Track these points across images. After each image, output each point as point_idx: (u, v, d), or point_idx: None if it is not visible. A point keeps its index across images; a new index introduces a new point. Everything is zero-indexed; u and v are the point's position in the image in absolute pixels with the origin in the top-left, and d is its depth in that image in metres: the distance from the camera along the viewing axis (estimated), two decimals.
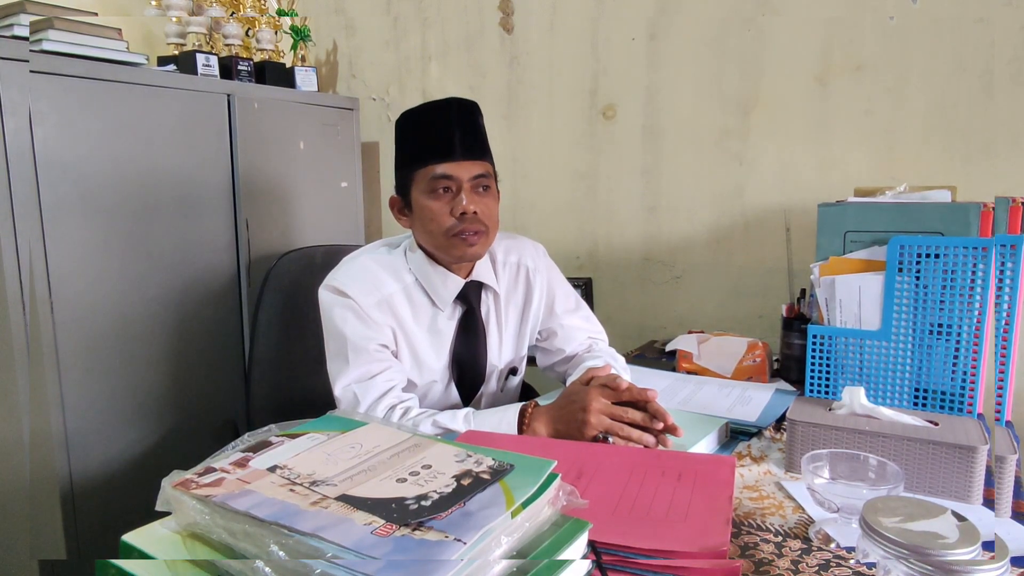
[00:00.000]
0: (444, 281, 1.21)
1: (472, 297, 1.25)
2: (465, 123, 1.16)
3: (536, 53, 2.05)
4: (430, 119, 1.16)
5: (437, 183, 1.14)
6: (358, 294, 1.15)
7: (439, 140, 1.14)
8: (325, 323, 1.18)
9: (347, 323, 1.14)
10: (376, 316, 1.16)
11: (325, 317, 1.18)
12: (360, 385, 1.13)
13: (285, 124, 2.02)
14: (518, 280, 1.32)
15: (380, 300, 1.17)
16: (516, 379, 1.37)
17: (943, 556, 0.56)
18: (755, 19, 1.71)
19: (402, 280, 1.21)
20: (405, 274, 1.21)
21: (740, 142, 1.77)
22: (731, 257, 1.83)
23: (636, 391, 1.04)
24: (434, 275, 1.21)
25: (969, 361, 1.04)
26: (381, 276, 1.19)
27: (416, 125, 1.17)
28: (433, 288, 1.21)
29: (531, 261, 1.33)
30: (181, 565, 0.54)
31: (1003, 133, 1.47)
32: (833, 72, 1.63)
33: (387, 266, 1.21)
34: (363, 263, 1.21)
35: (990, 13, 1.45)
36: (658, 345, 1.78)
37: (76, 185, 1.53)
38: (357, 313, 1.15)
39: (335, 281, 1.17)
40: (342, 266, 1.21)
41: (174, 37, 1.95)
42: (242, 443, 0.68)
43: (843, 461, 0.83)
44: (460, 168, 1.14)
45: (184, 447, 1.78)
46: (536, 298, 1.33)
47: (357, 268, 1.20)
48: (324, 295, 1.18)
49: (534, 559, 0.55)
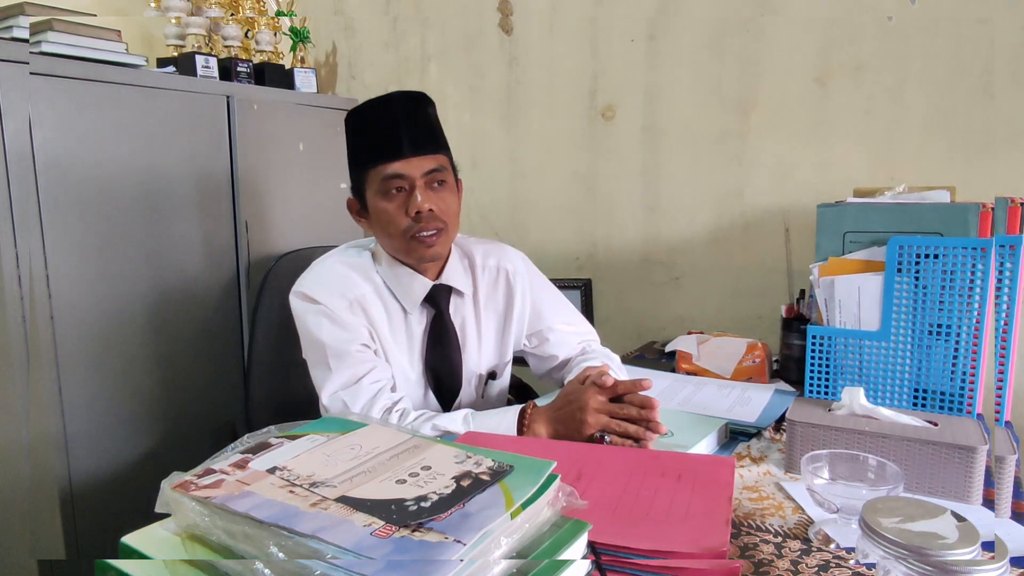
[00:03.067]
0: (411, 283, 1.18)
1: (441, 300, 1.21)
2: (412, 117, 1.12)
3: (535, 54, 2.05)
4: (375, 116, 1.12)
5: (389, 183, 1.11)
6: (328, 298, 1.13)
7: (385, 138, 1.10)
8: (300, 331, 1.16)
9: (323, 329, 1.12)
10: (349, 318, 1.13)
11: (300, 325, 1.15)
12: (347, 391, 1.10)
13: (284, 125, 2.02)
14: (498, 283, 1.29)
15: (351, 302, 1.14)
16: (497, 384, 1.33)
17: (943, 556, 0.56)
18: (754, 20, 1.71)
19: (372, 281, 1.18)
20: (374, 275, 1.19)
21: (739, 143, 1.77)
22: (730, 258, 1.83)
23: (627, 384, 1.03)
24: (401, 276, 1.18)
25: (968, 361, 1.04)
26: (351, 277, 1.17)
27: (362, 124, 1.14)
28: (400, 290, 1.18)
29: (510, 264, 1.30)
30: (180, 566, 0.54)
31: (1002, 133, 1.47)
32: (832, 73, 1.63)
33: (356, 267, 1.19)
34: (330, 266, 1.19)
35: (989, 13, 1.45)
36: (657, 346, 1.78)
37: (75, 187, 1.53)
38: (331, 317, 1.12)
39: (303, 287, 1.15)
40: (310, 270, 1.19)
41: (173, 39, 1.96)
42: (241, 444, 0.68)
43: (843, 462, 0.83)
44: (410, 165, 1.10)
45: (183, 449, 1.78)
46: (519, 302, 1.29)
47: (325, 271, 1.18)
48: (295, 302, 1.16)
49: (534, 560, 0.55)
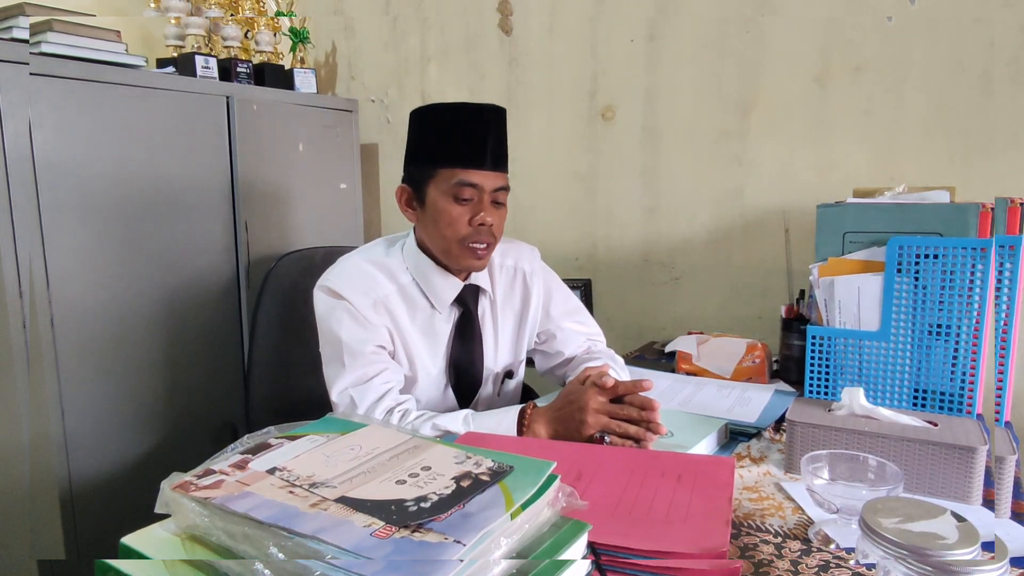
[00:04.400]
0: (444, 283, 1.20)
1: (469, 300, 1.24)
2: (499, 132, 1.15)
3: (535, 54, 2.05)
4: (463, 119, 1.13)
5: (462, 189, 1.12)
6: (353, 295, 1.14)
7: (472, 145, 1.12)
8: (320, 325, 1.17)
9: (343, 326, 1.13)
10: (372, 317, 1.14)
11: (320, 319, 1.16)
12: (356, 389, 1.11)
13: (284, 126, 2.02)
14: (515, 283, 1.31)
15: (376, 300, 1.15)
16: (513, 382, 1.36)
17: (943, 557, 0.56)
18: (754, 20, 1.71)
19: (397, 281, 1.19)
20: (401, 274, 1.20)
21: (739, 143, 1.77)
22: (730, 258, 1.83)
23: (628, 385, 1.03)
24: (434, 276, 1.19)
25: (968, 361, 1.04)
26: (376, 276, 1.18)
27: (447, 123, 1.14)
28: (432, 289, 1.20)
29: (528, 264, 1.32)
30: (179, 566, 0.54)
31: (1002, 133, 1.47)
32: (832, 73, 1.63)
33: (382, 266, 1.20)
34: (357, 263, 1.20)
35: (989, 13, 1.45)
36: (657, 346, 1.78)
37: (75, 187, 1.53)
38: (353, 315, 1.13)
39: (329, 282, 1.16)
40: (337, 266, 1.20)
41: (173, 39, 1.96)
42: (241, 445, 0.68)
43: (842, 462, 0.83)
44: (487, 178, 1.13)
45: (183, 449, 1.78)
46: (534, 302, 1.32)
47: (352, 268, 1.19)
48: (319, 296, 1.17)
49: (534, 560, 0.55)
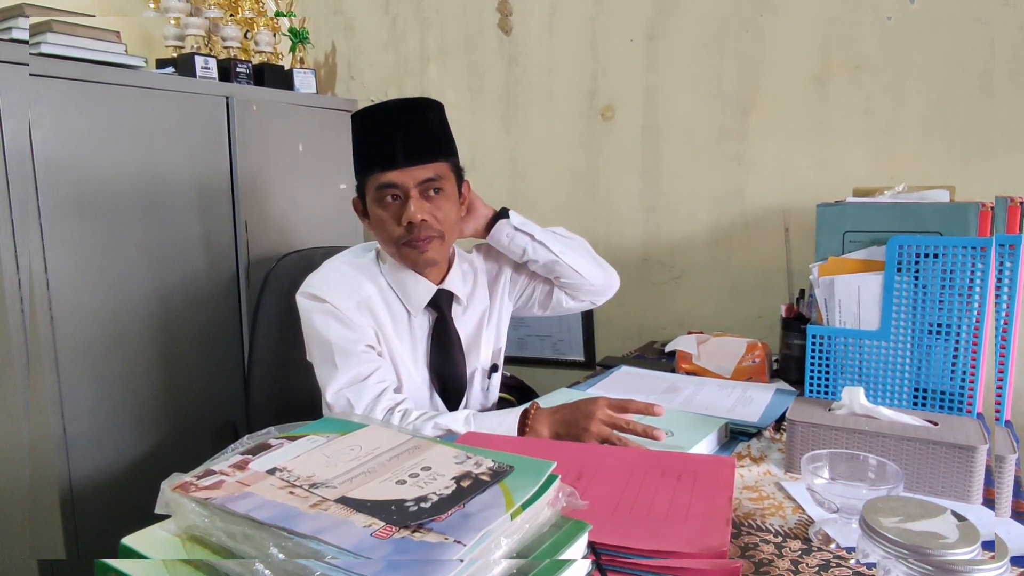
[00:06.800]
0: (415, 286, 1.20)
1: (443, 305, 1.23)
2: (410, 126, 1.12)
3: (535, 54, 2.05)
4: (375, 123, 1.13)
5: (383, 192, 1.12)
6: (336, 298, 1.14)
7: (381, 147, 1.11)
8: (306, 330, 1.17)
9: (330, 328, 1.13)
10: (357, 318, 1.14)
11: (306, 324, 1.16)
12: (352, 389, 1.11)
13: (284, 126, 2.02)
14: (477, 282, 1.32)
15: (359, 302, 1.15)
16: (498, 375, 1.37)
17: (943, 556, 0.56)
18: (754, 19, 1.71)
19: (377, 283, 1.19)
20: (379, 277, 1.20)
21: (739, 142, 1.77)
22: (730, 257, 1.83)
23: (640, 406, 1.03)
24: (405, 279, 1.20)
25: (968, 361, 1.04)
26: (358, 278, 1.18)
27: (361, 130, 1.15)
28: (405, 292, 1.20)
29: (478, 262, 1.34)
30: (179, 566, 0.54)
31: (1002, 133, 1.47)
32: (831, 72, 1.63)
33: (362, 269, 1.20)
34: (337, 267, 1.20)
35: (988, 13, 1.45)
36: (657, 346, 1.78)
37: (75, 188, 1.53)
38: (338, 316, 1.13)
39: (311, 287, 1.16)
40: (318, 272, 1.20)
41: (172, 39, 1.96)
42: (241, 445, 0.68)
43: (843, 461, 0.83)
44: (405, 175, 1.10)
45: (183, 449, 1.78)
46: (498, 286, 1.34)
47: (332, 272, 1.19)
48: (302, 302, 1.16)
49: (534, 560, 0.55)
